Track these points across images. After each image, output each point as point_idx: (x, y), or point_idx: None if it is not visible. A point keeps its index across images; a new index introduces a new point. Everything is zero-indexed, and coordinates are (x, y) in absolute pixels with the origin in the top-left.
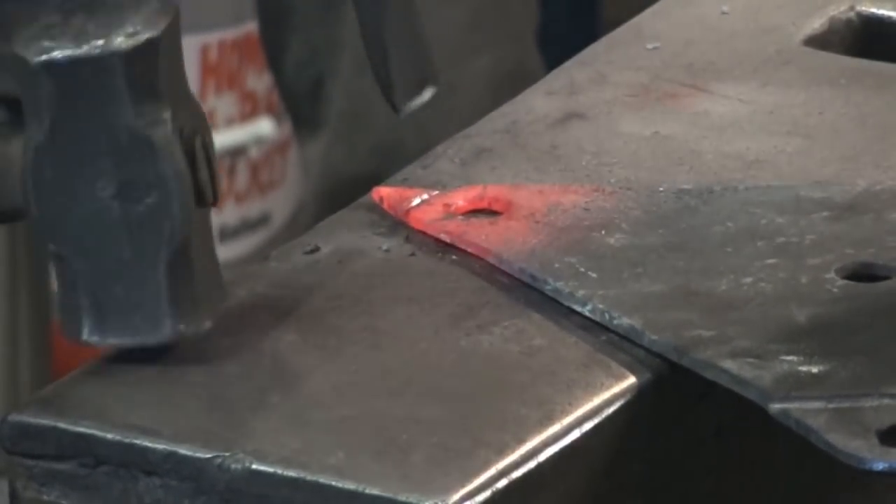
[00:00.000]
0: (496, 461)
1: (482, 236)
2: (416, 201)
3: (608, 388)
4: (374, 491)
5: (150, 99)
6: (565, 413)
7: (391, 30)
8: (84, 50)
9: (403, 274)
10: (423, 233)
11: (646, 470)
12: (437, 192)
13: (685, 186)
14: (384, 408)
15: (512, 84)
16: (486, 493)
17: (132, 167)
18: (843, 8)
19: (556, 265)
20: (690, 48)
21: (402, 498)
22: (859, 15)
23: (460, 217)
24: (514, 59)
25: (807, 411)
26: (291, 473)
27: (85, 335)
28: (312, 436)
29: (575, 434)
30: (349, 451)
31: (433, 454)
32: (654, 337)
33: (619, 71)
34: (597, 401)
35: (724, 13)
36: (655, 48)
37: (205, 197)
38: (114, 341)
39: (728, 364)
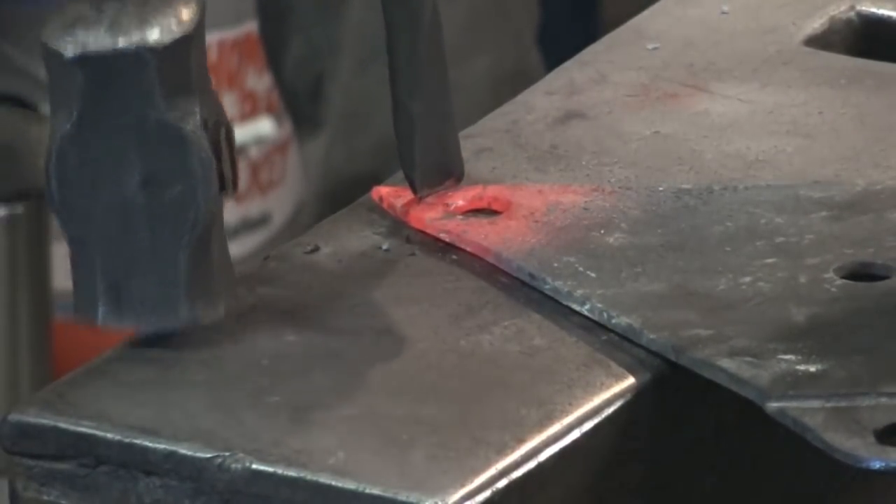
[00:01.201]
0: (496, 461)
1: (481, 236)
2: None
3: (608, 388)
4: (374, 491)
5: (181, 92)
6: (565, 413)
7: (422, 111)
8: (118, 44)
9: (403, 274)
10: (423, 232)
11: (646, 470)
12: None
13: (685, 186)
14: (384, 408)
15: (512, 84)
16: (486, 493)
17: (159, 159)
18: (843, 8)
19: (555, 264)
20: (690, 48)
21: (402, 498)
22: (859, 15)
23: (460, 216)
24: (514, 59)
25: (804, 410)
26: (291, 473)
27: (100, 318)
28: (312, 436)
29: (575, 434)
30: (349, 451)
31: (433, 454)
32: (652, 336)
33: (619, 71)
34: (597, 401)
35: (724, 13)
36: (655, 48)
37: (225, 186)
38: (129, 324)
39: (726, 363)
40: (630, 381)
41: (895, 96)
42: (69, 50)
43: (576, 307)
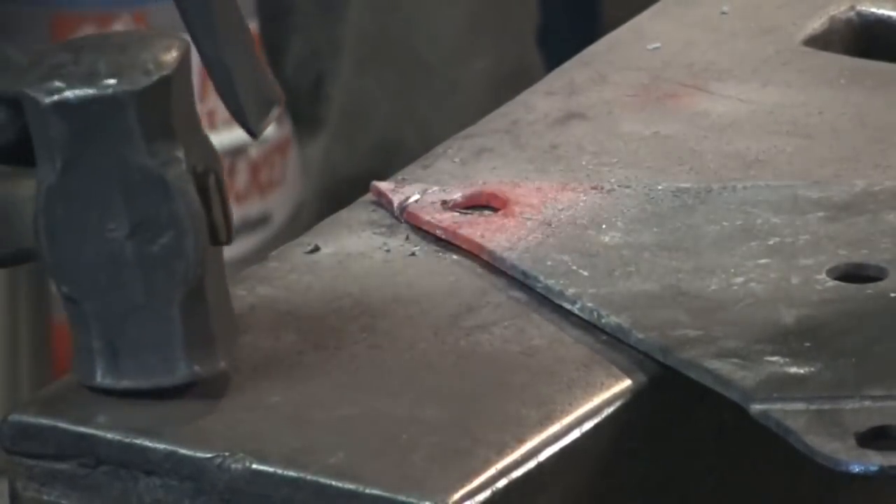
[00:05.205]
0: (496, 461)
1: (477, 233)
2: (414, 197)
3: (608, 388)
4: (374, 491)
5: (162, 138)
6: (565, 413)
7: (231, 55)
8: (96, 90)
9: (403, 274)
10: (420, 228)
11: (646, 470)
12: (435, 187)
13: (683, 185)
14: (384, 408)
15: (512, 84)
16: (486, 493)
17: (146, 207)
18: (843, 8)
19: (549, 262)
20: (690, 48)
21: (402, 498)
22: (859, 15)
23: (457, 213)
24: (514, 59)
25: (787, 412)
26: (291, 473)
27: (98, 378)
28: (312, 436)
29: (575, 434)
30: (349, 451)
31: (433, 454)
32: (641, 336)
33: (619, 71)
34: (597, 401)
35: (724, 13)
36: (655, 48)
37: (218, 236)
38: (128, 384)
39: (712, 364)
40: (630, 381)
41: (895, 96)
42: (47, 97)
43: (567, 306)
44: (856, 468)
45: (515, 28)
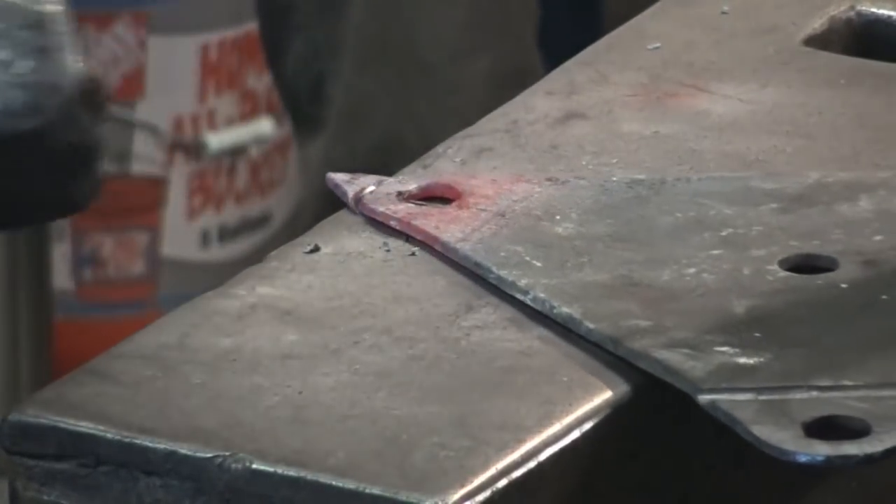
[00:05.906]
0: (496, 461)
1: (431, 223)
2: (369, 188)
3: (608, 388)
4: (374, 491)
5: None
6: (565, 413)
7: None
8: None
9: (403, 274)
10: (374, 220)
11: (646, 470)
12: (390, 179)
13: (637, 177)
14: (384, 408)
15: (512, 84)
16: (486, 493)
17: None
18: (843, 8)
19: (502, 253)
20: (690, 48)
21: (402, 498)
22: (859, 15)
23: (412, 204)
24: (514, 59)
25: (736, 403)
26: (291, 473)
27: None
28: (312, 436)
29: (575, 434)
30: (349, 451)
31: (433, 454)
32: (592, 326)
33: (620, 71)
34: (597, 401)
35: (724, 13)
36: (655, 48)
37: None
38: None
39: (662, 354)
40: (630, 381)
41: (895, 96)
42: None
43: (520, 297)
44: (802, 458)
45: (515, 28)
